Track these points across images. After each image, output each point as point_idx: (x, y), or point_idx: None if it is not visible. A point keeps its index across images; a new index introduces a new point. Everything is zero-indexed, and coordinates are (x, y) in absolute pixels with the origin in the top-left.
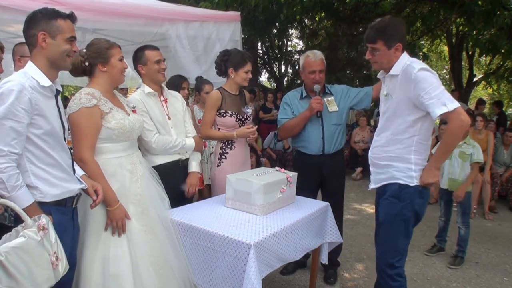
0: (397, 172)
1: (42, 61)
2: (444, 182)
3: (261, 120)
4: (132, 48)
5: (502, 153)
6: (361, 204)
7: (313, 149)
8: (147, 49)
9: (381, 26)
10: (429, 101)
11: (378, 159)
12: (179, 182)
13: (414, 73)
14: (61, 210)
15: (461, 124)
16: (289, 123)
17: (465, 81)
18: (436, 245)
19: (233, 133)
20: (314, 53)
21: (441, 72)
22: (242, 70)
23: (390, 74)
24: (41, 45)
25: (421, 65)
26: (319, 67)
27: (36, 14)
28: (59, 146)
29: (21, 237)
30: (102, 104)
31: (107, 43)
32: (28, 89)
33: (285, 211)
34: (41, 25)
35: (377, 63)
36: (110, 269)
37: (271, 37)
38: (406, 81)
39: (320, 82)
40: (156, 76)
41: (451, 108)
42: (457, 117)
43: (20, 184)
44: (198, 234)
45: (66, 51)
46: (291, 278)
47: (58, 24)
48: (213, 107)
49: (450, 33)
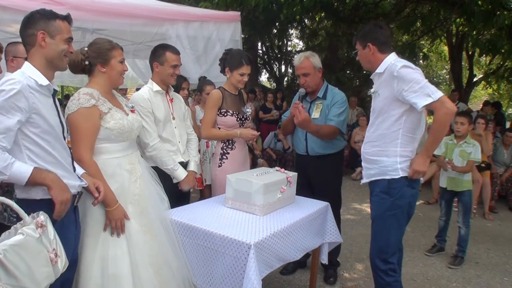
0: (384, 168)
1: (39, 61)
2: (444, 181)
3: (261, 120)
4: (132, 48)
5: (502, 153)
6: (361, 204)
7: (299, 148)
8: (168, 50)
9: (361, 29)
10: (413, 94)
11: (368, 154)
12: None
13: (396, 70)
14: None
15: (446, 111)
16: (283, 122)
17: (465, 81)
18: (436, 245)
19: (236, 132)
20: (299, 57)
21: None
22: (237, 72)
23: (376, 73)
24: (40, 44)
25: (403, 63)
26: (302, 70)
27: (34, 14)
28: (59, 145)
29: (20, 234)
30: (101, 104)
31: (109, 44)
32: (26, 88)
33: (285, 211)
34: (40, 25)
35: (361, 62)
36: (109, 269)
37: (271, 37)
38: (390, 79)
39: (305, 85)
40: (168, 79)
41: (436, 98)
42: (442, 105)
43: (11, 161)
44: (198, 234)
45: (64, 51)
46: (291, 278)
47: (57, 24)
48: (214, 107)
49: (450, 33)
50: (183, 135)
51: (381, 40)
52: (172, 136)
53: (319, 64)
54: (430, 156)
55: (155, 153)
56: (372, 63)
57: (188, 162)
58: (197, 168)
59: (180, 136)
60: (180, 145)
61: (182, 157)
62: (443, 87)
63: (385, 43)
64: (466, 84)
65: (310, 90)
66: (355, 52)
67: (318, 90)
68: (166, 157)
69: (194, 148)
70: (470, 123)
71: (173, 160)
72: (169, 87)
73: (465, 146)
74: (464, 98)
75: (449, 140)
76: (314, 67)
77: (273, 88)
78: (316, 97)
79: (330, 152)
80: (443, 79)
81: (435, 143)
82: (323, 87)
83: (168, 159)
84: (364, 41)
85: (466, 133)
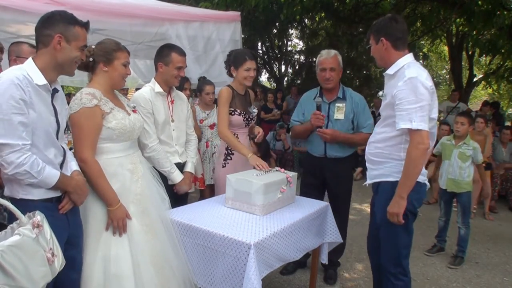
0: (388, 169)
1: (47, 61)
2: (444, 183)
3: (262, 120)
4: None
5: (500, 151)
6: (361, 204)
7: (316, 151)
8: (175, 51)
9: (375, 22)
10: (399, 112)
11: (372, 155)
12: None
13: (403, 80)
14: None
15: (416, 146)
16: (297, 128)
17: (465, 81)
18: (436, 245)
19: (247, 154)
20: (328, 51)
21: (441, 72)
22: (242, 68)
23: (387, 73)
24: (55, 47)
25: (414, 73)
26: (330, 64)
27: (55, 15)
28: (51, 144)
29: (16, 235)
30: (103, 104)
31: (116, 45)
32: (23, 81)
33: (285, 211)
34: (59, 28)
35: (375, 58)
36: (111, 269)
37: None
38: (395, 85)
39: (330, 80)
40: (172, 80)
41: (415, 127)
42: (415, 138)
43: (42, 166)
44: (198, 234)
45: (76, 58)
46: (291, 278)
47: (76, 31)
48: (226, 103)
49: (450, 33)
50: (181, 137)
51: (396, 36)
52: (169, 139)
53: (342, 64)
54: (404, 197)
55: (153, 154)
56: (385, 60)
57: (185, 163)
58: (194, 169)
59: (178, 139)
60: (178, 147)
61: (179, 158)
62: (443, 87)
63: (400, 38)
64: (466, 84)
65: (331, 86)
66: (369, 47)
67: (337, 90)
68: (164, 159)
69: (193, 150)
70: (471, 124)
71: (170, 163)
72: (171, 88)
73: (464, 148)
74: (464, 98)
75: (447, 140)
76: (339, 64)
77: (273, 88)
78: (336, 98)
79: (348, 155)
80: (443, 79)
81: (407, 181)
82: (341, 88)
83: (165, 161)
84: (378, 35)
85: (466, 133)
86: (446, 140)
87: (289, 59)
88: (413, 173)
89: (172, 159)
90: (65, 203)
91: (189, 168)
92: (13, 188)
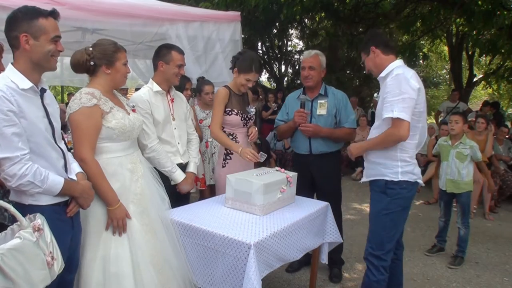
0: (384, 169)
1: (25, 63)
2: (443, 183)
3: (263, 120)
4: (132, 48)
5: (497, 149)
6: (361, 204)
7: (301, 148)
8: (174, 50)
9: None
10: (385, 104)
11: (369, 155)
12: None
13: (390, 77)
14: (56, 209)
15: (392, 132)
16: (281, 128)
17: (465, 81)
18: (436, 245)
19: (238, 149)
20: (309, 51)
21: (441, 72)
22: (244, 77)
23: (380, 77)
24: (24, 47)
25: (400, 71)
26: (309, 63)
27: (16, 14)
28: (50, 147)
29: (17, 238)
30: (103, 104)
31: (114, 46)
32: (7, 91)
33: (285, 211)
34: (23, 27)
35: (370, 70)
36: (111, 269)
37: (271, 37)
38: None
39: (309, 78)
40: (173, 79)
41: (395, 115)
42: (395, 126)
43: (45, 174)
44: (198, 234)
45: (50, 52)
46: (291, 278)
47: (40, 24)
48: (221, 103)
49: (450, 33)
50: (183, 136)
51: (383, 41)
52: (171, 138)
53: (324, 65)
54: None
55: (153, 155)
56: (379, 67)
57: (188, 163)
58: (197, 169)
59: (180, 137)
60: (180, 146)
61: (181, 158)
62: (443, 87)
63: (387, 44)
64: (466, 84)
65: (310, 84)
66: (362, 62)
67: (319, 88)
68: (164, 158)
69: (195, 149)
70: (465, 123)
71: (171, 162)
72: (170, 87)
73: (461, 147)
74: (464, 98)
75: (443, 142)
76: (320, 64)
77: (273, 88)
78: (318, 95)
79: (333, 150)
80: (443, 79)
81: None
82: (323, 86)
83: (166, 161)
84: (367, 47)
85: (461, 132)
86: (443, 141)
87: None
88: (379, 147)
89: (173, 160)
90: (72, 206)
91: (192, 169)
92: (21, 195)
